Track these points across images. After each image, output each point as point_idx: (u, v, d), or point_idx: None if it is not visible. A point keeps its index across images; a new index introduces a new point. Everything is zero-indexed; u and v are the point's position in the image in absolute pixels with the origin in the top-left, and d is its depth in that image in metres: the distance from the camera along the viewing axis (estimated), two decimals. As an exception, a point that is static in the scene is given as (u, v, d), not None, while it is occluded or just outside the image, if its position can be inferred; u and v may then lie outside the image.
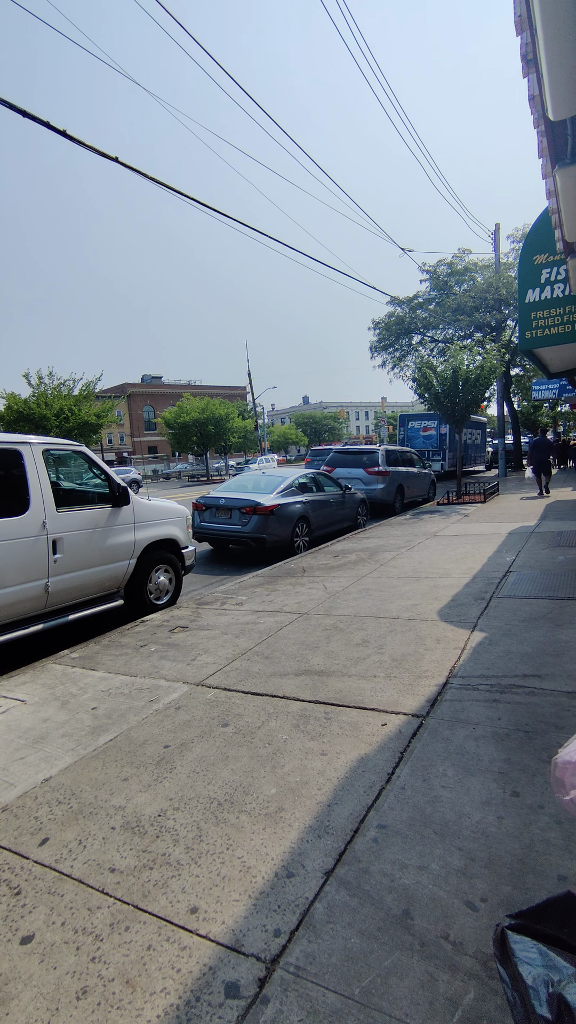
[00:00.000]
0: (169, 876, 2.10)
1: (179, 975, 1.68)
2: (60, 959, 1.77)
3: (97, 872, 2.14)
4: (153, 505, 6.33)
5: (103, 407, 30.81)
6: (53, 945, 1.83)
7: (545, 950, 0.99)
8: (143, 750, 3.05)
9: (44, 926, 1.91)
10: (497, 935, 1.11)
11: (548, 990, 0.91)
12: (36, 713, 3.63)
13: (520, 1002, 0.97)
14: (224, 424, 40.91)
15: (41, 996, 1.65)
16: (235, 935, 1.81)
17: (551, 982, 0.92)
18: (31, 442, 5.11)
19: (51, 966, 1.75)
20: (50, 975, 1.71)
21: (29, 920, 1.94)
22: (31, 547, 4.85)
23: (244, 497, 9.31)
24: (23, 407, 28.18)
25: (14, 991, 1.67)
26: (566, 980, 0.91)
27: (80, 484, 5.85)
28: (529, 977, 0.95)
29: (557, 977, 0.92)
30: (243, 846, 2.23)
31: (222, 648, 4.65)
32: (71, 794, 2.68)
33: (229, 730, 3.21)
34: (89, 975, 1.70)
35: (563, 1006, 0.87)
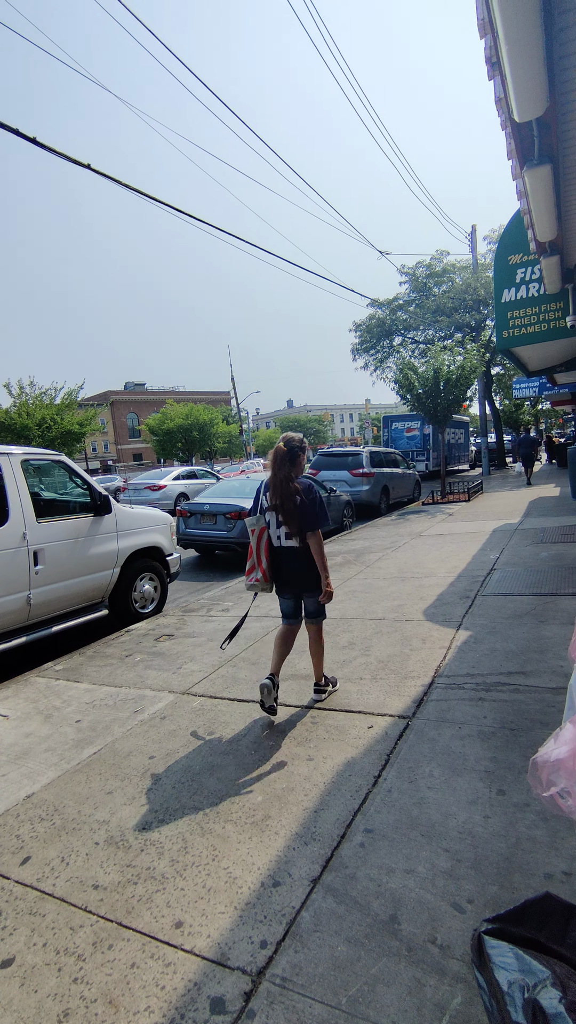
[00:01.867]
0: (154, 890, 2.06)
1: (163, 992, 1.65)
2: (41, 982, 1.73)
3: (80, 890, 2.10)
4: (136, 513, 6.28)
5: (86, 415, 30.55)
6: (34, 968, 1.78)
7: (521, 954, 0.97)
8: (128, 762, 3.00)
9: (25, 948, 1.86)
10: (474, 940, 1.10)
11: (524, 995, 0.90)
12: (18, 728, 3.57)
13: (496, 1008, 0.96)
14: (209, 429, 40.81)
15: (21, 1021, 1.60)
16: (220, 949, 1.78)
17: (527, 987, 0.91)
18: (11, 452, 5.04)
19: (32, 989, 1.70)
20: (31, 999, 1.67)
21: (9, 943, 1.89)
22: (11, 559, 4.78)
23: (229, 502, 9.27)
24: (3, 417, 27.85)
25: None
26: (541, 985, 0.89)
27: (61, 494, 5.78)
28: (505, 983, 0.94)
29: (532, 982, 0.91)
30: (229, 856, 2.21)
31: (208, 655, 4.61)
32: (54, 810, 2.63)
33: (215, 738, 3.17)
34: (71, 997, 1.66)
35: (538, 1012, 0.85)
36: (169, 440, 41.00)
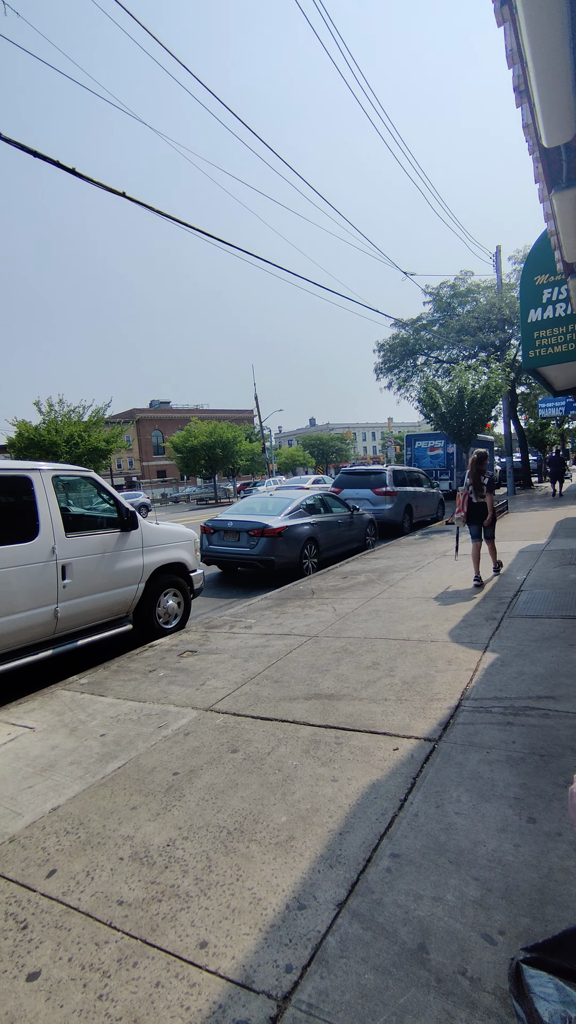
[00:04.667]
0: (178, 908, 2.05)
1: (188, 1014, 1.63)
2: (67, 997, 1.73)
3: (105, 905, 2.10)
4: (161, 529, 6.36)
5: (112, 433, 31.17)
6: (60, 982, 1.78)
7: (562, 985, 0.95)
8: (152, 778, 3.01)
9: (51, 962, 1.87)
10: (512, 969, 1.07)
11: (566, 1028, 0.87)
12: (44, 740, 3.61)
13: (537, 1041, 0.93)
14: (232, 447, 41.27)
15: (47, 1036, 1.60)
16: (245, 971, 1.76)
17: (569, 1019, 0.88)
18: (40, 468, 5.18)
19: (57, 1004, 1.70)
20: (56, 1014, 1.67)
21: (35, 956, 1.90)
22: (40, 572, 4.88)
23: (252, 519, 9.33)
24: (33, 434, 28.58)
25: (20, 1031, 1.63)
26: (584, 1017, 0.87)
27: (89, 509, 5.90)
28: (546, 1013, 0.92)
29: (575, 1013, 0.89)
30: (253, 877, 2.19)
31: (231, 672, 4.61)
32: (79, 823, 2.65)
33: (238, 756, 3.16)
34: (96, 1014, 1.66)
35: (581, 1045, 0.83)
36: (193, 457, 41.54)
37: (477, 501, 7.19)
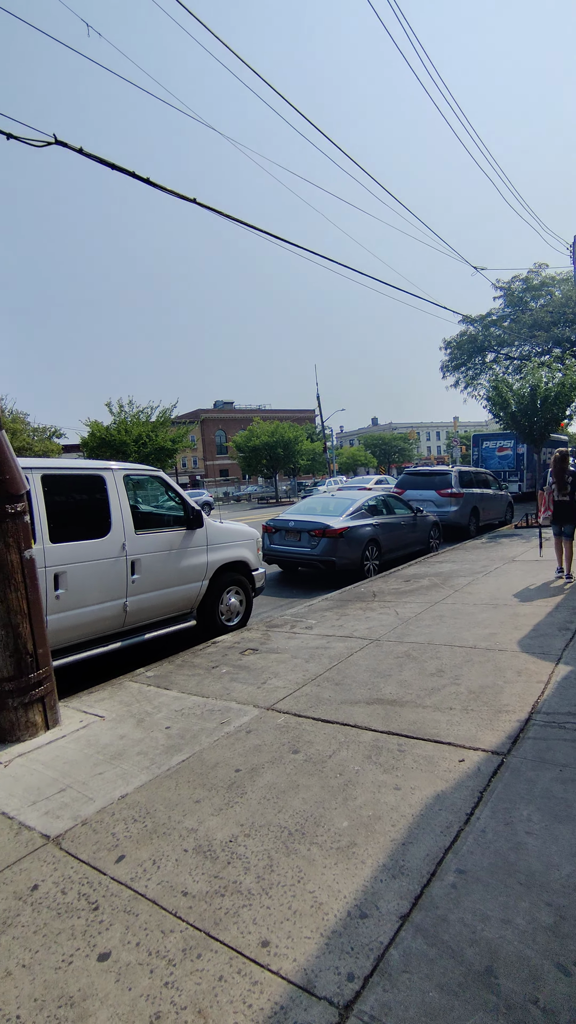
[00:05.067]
0: (240, 905, 2.08)
1: (250, 1011, 1.65)
2: (135, 980, 1.79)
3: (170, 894, 2.16)
4: (225, 528, 6.48)
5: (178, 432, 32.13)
6: (128, 965, 1.85)
7: None
8: (214, 773, 3.07)
9: (120, 944, 1.94)
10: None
11: None
12: (114, 729, 3.76)
13: None
14: (293, 447, 41.49)
15: (117, 1017, 1.67)
16: (307, 975, 1.76)
17: None
18: (112, 468, 5.40)
19: (126, 987, 1.77)
20: (125, 996, 1.74)
21: (106, 937, 1.98)
22: (111, 568, 5.09)
23: (313, 520, 9.33)
24: (104, 434, 29.90)
25: (92, 1008, 1.70)
26: None
27: (156, 507, 6.10)
28: None
29: None
30: (314, 880, 2.18)
31: (292, 672, 4.63)
32: (146, 813, 2.74)
33: (300, 757, 3.17)
34: (163, 1001, 1.71)
35: None
36: (255, 457, 42.07)
37: (560, 499, 7.47)
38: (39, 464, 4.81)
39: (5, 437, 3.67)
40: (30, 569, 3.72)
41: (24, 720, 3.69)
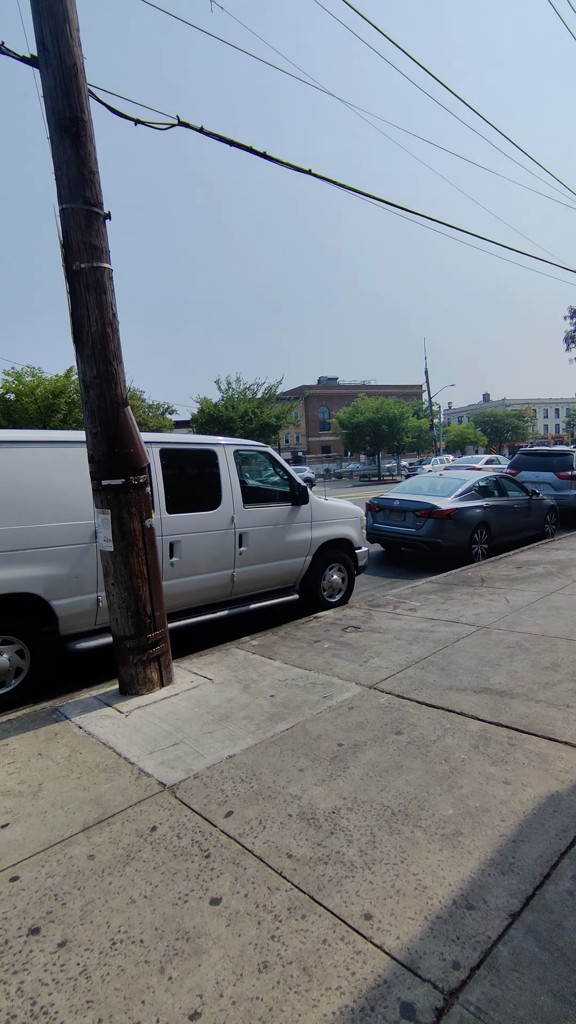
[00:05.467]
0: (343, 875, 2.12)
1: (353, 978, 1.69)
2: (244, 928, 1.90)
3: (275, 854, 2.26)
4: (329, 505, 6.49)
5: (283, 409, 32.55)
6: (237, 913, 1.97)
7: None
8: (317, 744, 3.13)
9: (229, 893, 2.06)
10: None
11: None
12: (221, 693, 3.96)
13: None
14: (398, 424, 40.41)
15: (227, 958, 1.78)
16: (411, 954, 1.76)
17: None
18: (223, 443, 5.58)
19: (236, 932, 1.88)
20: (235, 941, 1.85)
21: (217, 884, 2.11)
22: (221, 539, 5.31)
23: (420, 500, 9.07)
24: (213, 410, 31.03)
25: (205, 945, 1.84)
26: None
27: (264, 482, 6.24)
28: None
29: None
30: (418, 863, 2.17)
31: (395, 653, 4.58)
32: (252, 774, 2.87)
33: (403, 739, 3.14)
34: (269, 952, 1.80)
35: None
36: (358, 433, 41.57)
37: None
38: (158, 439, 5.10)
39: (131, 413, 3.91)
40: (150, 537, 3.97)
41: (142, 676, 3.99)
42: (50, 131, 3.66)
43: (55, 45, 3.58)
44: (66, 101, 3.61)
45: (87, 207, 3.67)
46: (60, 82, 3.60)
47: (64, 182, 3.65)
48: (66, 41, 3.60)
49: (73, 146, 3.63)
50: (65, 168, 3.64)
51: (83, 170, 3.66)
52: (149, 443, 4.84)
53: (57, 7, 3.57)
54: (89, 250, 3.68)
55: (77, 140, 3.64)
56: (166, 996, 1.66)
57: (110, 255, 3.80)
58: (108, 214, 3.79)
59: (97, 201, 3.73)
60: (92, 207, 3.69)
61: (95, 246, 3.71)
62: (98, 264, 3.71)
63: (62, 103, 3.61)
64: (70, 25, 3.63)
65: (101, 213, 3.75)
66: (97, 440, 3.79)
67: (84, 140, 3.67)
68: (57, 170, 3.66)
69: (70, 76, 3.62)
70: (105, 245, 3.78)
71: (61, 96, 3.61)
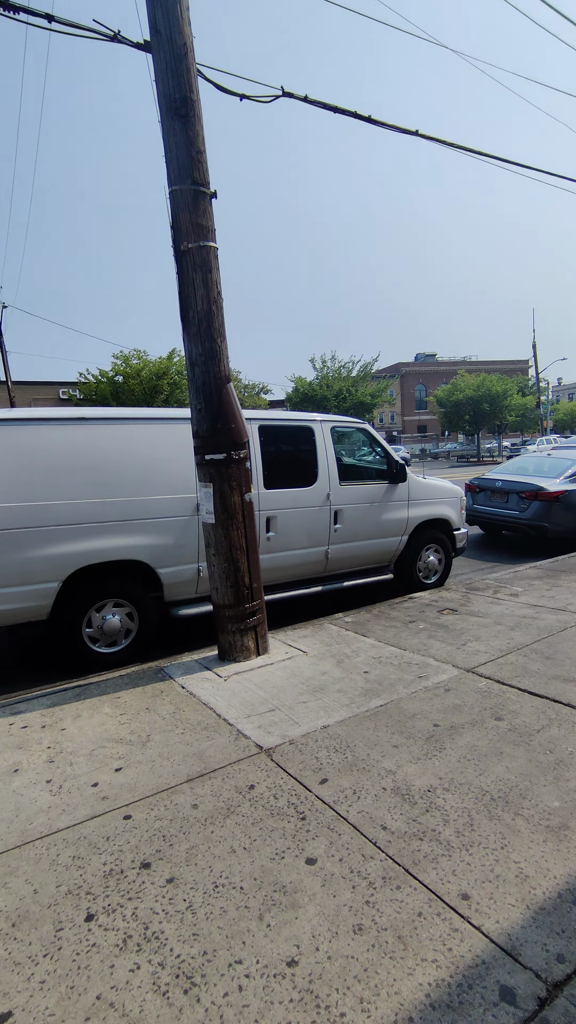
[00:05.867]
0: (439, 853, 2.10)
1: (450, 954, 1.67)
2: (338, 890, 1.94)
3: (370, 825, 2.28)
4: (428, 484, 6.29)
5: (378, 387, 31.87)
6: (332, 876, 2.01)
7: None
8: (412, 723, 3.10)
9: (324, 855, 2.12)
10: None
11: None
12: (315, 665, 4.03)
13: None
14: (501, 402, 38.10)
15: (323, 915, 1.83)
16: (511, 940, 1.71)
17: None
18: (319, 419, 5.57)
19: (331, 893, 1.93)
20: (330, 901, 1.90)
21: (312, 845, 2.17)
22: (316, 516, 5.34)
23: (525, 481, 8.54)
24: (307, 389, 31.04)
25: (301, 900, 1.90)
26: None
27: (360, 460, 6.17)
28: None
29: None
30: (519, 851, 2.09)
31: (495, 638, 4.39)
32: (346, 746, 2.90)
33: (503, 725, 3.02)
34: (364, 916, 1.83)
35: None
36: (456, 412, 39.79)
37: None
38: (257, 415, 5.19)
39: (233, 390, 4.01)
40: (249, 511, 4.08)
41: (239, 644, 4.15)
42: (161, 114, 3.77)
43: (167, 27, 3.66)
44: (176, 82, 3.69)
45: (195, 187, 3.75)
46: (170, 64, 3.68)
47: (173, 164, 3.75)
48: (177, 22, 3.67)
49: (183, 127, 3.72)
50: (175, 150, 3.74)
51: (191, 150, 3.74)
52: (249, 419, 4.94)
53: (169, -12, 3.64)
54: (196, 230, 3.78)
55: (186, 121, 3.72)
56: (264, 941, 1.75)
57: (215, 233, 3.88)
58: (214, 193, 3.86)
59: (205, 180, 3.81)
60: (199, 187, 3.77)
61: (202, 225, 3.80)
62: (204, 243, 3.80)
63: (172, 84, 3.69)
64: (180, 5, 3.69)
65: (208, 192, 3.83)
66: (201, 416, 3.93)
67: (193, 120, 3.74)
68: (167, 152, 3.77)
69: (180, 57, 3.69)
70: (211, 224, 3.86)
71: (171, 78, 3.69)
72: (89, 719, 3.34)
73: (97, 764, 2.84)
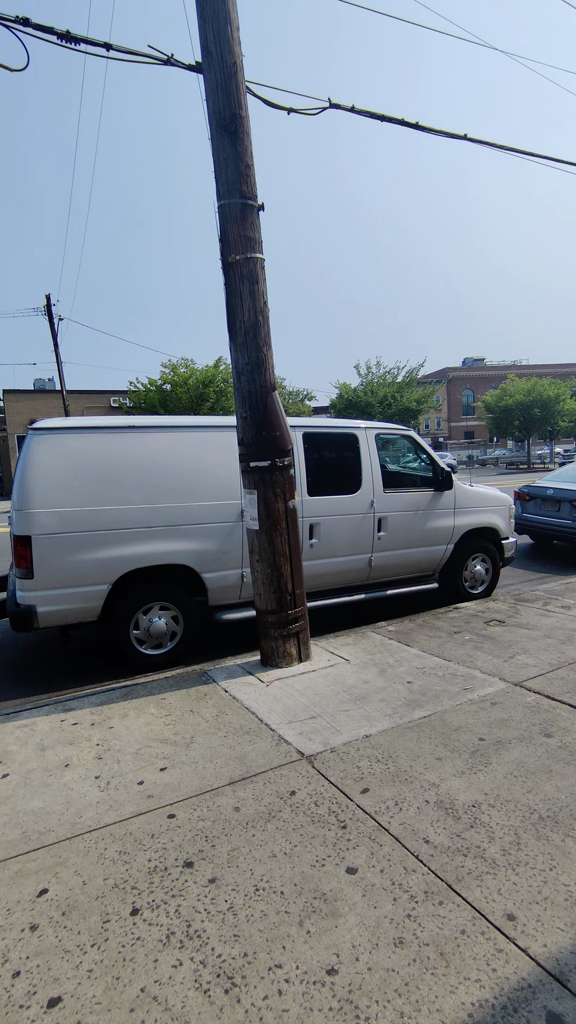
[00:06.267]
0: (483, 871, 2.05)
1: (494, 975, 1.63)
2: (379, 901, 1.93)
3: (412, 837, 2.25)
4: (475, 492, 6.16)
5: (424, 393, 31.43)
6: (373, 886, 2.00)
7: None
8: (457, 736, 3.04)
9: (365, 865, 2.10)
10: None
11: None
12: (358, 674, 4.00)
13: None
14: (553, 407, 36.83)
15: (363, 926, 1.82)
16: (559, 965, 1.65)
17: None
18: (363, 427, 5.55)
19: (372, 904, 1.92)
20: (371, 912, 1.88)
21: (353, 855, 2.16)
22: (360, 523, 5.32)
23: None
24: (352, 395, 30.94)
25: (341, 909, 1.90)
26: None
27: (405, 467, 6.10)
28: None
29: None
30: (569, 874, 2.02)
31: (544, 652, 4.25)
32: (388, 756, 2.87)
33: (553, 742, 2.92)
34: (405, 929, 1.81)
35: None
36: (506, 418, 38.76)
37: None
38: (301, 423, 5.23)
39: (277, 398, 4.06)
40: (292, 518, 4.11)
41: (282, 650, 4.18)
42: (211, 131, 3.88)
43: (217, 47, 3.77)
44: (226, 100, 3.80)
45: (243, 200, 3.84)
46: (221, 83, 3.79)
47: (223, 178, 3.85)
48: (227, 42, 3.78)
49: (232, 143, 3.81)
50: (224, 165, 3.84)
51: (240, 165, 3.83)
52: (293, 427, 4.99)
53: (220, 11, 3.75)
54: (244, 242, 3.86)
55: (235, 137, 3.81)
56: (304, 947, 1.75)
57: (262, 245, 3.95)
58: (262, 205, 3.94)
59: (252, 194, 3.89)
60: (247, 200, 3.86)
61: (249, 237, 3.88)
62: (251, 255, 3.88)
63: (222, 102, 3.80)
64: (231, 26, 3.79)
65: (255, 205, 3.91)
66: (247, 423, 4.00)
67: (242, 136, 3.83)
68: (217, 168, 3.88)
69: (230, 75, 3.79)
70: (258, 236, 3.93)
71: (221, 96, 3.80)
72: (136, 718, 3.44)
73: (143, 763, 2.92)
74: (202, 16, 3.80)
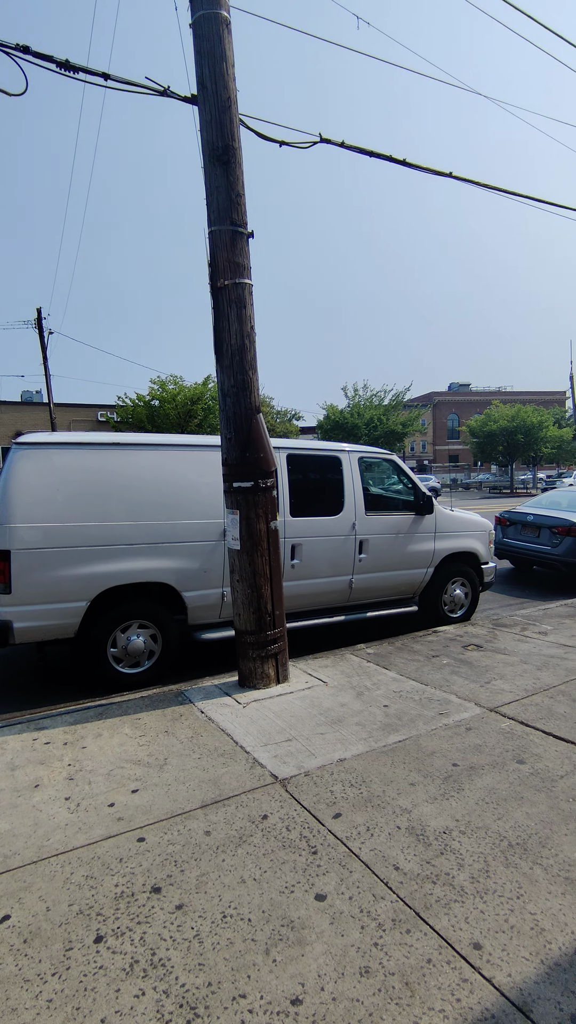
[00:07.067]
0: (451, 899, 2.05)
1: (459, 1005, 1.63)
2: (347, 929, 1.92)
3: (382, 864, 2.24)
4: (456, 516, 6.25)
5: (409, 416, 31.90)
6: (341, 914, 1.99)
7: None
8: (431, 761, 3.05)
9: (334, 892, 2.09)
10: None
11: None
12: (335, 697, 4.00)
13: None
14: (536, 433, 37.57)
15: (329, 955, 1.81)
16: (523, 996, 1.66)
17: None
18: (347, 450, 5.63)
19: (339, 932, 1.91)
20: (338, 940, 1.87)
21: (323, 881, 2.15)
22: (341, 545, 5.36)
23: (558, 515, 8.39)
24: (339, 417, 31.27)
25: (308, 937, 1.88)
26: None
27: (387, 490, 6.18)
28: None
29: None
30: (536, 903, 2.03)
31: (520, 678, 4.29)
32: (361, 780, 2.87)
33: (525, 769, 2.95)
34: (372, 958, 1.80)
35: None
36: (490, 443, 39.41)
37: None
38: (285, 444, 5.29)
39: (262, 420, 4.12)
40: (274, 539, 4.14)
41: (260, 671, 4.17)
42: (204, 161, 3.99)
43: (212, 83, 3.90)
44: (219, 132, 3.91)
45: (233, 228, 3.94)
46: (215, 116, 3.91)
47: (214, 206, 3.95)
48: (222, 78, 3.91)
49: (224, 173, 3.92)
50: (216, 193, 3.94)
51: (231, 193, 3.94)
52: (277, 448, 5.04)
53: (216, 48, 3.89)
54: (233, 267, 3.95)
55: (227, 167, 3.93)
56: (270, 977, 1.74)
57: (251, 271, 4.04)
58: (251, 233, 4.04)
59: (242, 221, 3.99)
60: (237, 227, 3.96)
61: (238, 263, 3.97)
62: (240, 280, 3.96)
63: (215, 134, 3.92)
64: (226, 62, 3.93)
65: (245, 232, 4.01)
66: (231, 444, 4.04)
67: (233, 166, 3.95)
68: (208, 196, 3.98)
69: (224, 109, 3.92)
70: (247, 262, 4.03)
71: (215, 128, 3.92)
72: (109, 739, 3.40)
73: (115, 784, 2.88)
74: (199, 52, 3.94)
